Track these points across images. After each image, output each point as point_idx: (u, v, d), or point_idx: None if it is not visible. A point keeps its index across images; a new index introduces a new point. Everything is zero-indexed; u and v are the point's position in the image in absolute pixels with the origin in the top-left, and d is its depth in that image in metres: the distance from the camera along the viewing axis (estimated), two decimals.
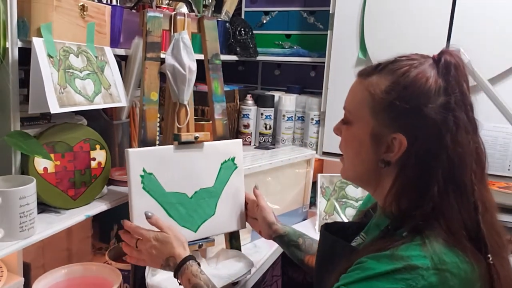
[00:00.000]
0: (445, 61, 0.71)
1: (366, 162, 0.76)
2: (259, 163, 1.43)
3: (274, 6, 1.94)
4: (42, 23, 0.88)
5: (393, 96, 0.71)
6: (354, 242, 0.85)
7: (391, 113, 0.71)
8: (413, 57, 0.74)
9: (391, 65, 0.74)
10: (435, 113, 0.69)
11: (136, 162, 0.97)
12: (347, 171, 0.82)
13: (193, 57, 1.07)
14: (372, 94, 0.73)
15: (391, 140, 0.71)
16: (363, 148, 0.75)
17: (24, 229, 0.81)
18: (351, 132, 0.77)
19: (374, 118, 0.73)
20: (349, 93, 0.79)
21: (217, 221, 1.10)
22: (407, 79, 0.70)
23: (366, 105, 0.74)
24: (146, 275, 0.99)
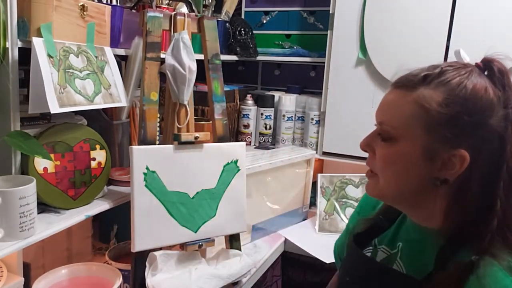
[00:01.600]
0: (499, 70, 0.68)
1: (414, 181, 0.70)
2: (259, 163, 1.43)
3: (274, 6, 1.94)
4: (42, 23, 0.88)
5: (455, 110, 0.65)
6: (368, 252, 0.83)
7: (452, 128, 0.65)
8: (457, 66, 0.70)
9: (439, 76, 0.68)
10: (498, 125, 0.65)
11: (139, 160, 0.98)
12: (383, 190, 0.73)
13: (193, 57, 1.07)
14: (426, 108, 0.66)
15: (450, 156, 0.66)
16: (411, 167, 0.69)
17: (24, 229, 0.81)
18: (395, 150, 0.70)
19: (429, 134, 0.67)
20: (389, 107, 0.72)
21: (218, 223, 1.10)
22: (466, 91, 0.66)
23: (419, 120, 0.67)
24: (146, 275, 0.99)
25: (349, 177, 1.63)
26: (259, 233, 1.48)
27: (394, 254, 0.79)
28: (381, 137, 0.72)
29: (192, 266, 1.05)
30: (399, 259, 0.78)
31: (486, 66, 0.70)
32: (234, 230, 1.15)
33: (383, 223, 0.84)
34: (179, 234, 1.04)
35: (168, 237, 1.02)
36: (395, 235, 0.82)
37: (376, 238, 0.84)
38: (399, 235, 0.81)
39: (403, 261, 0.77)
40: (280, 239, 1.49)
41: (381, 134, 0.72)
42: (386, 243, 0.82)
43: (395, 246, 0.80)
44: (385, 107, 0.73)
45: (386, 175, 0.72)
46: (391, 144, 0.70)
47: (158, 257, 1.00)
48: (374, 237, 0.84)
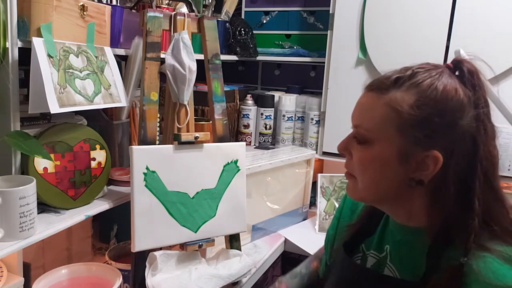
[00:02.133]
0: (469, 71, 0.69)
1: (390, 183, 0.71)
2: (259, 163, 1.43)
3: (274, 6, 1.94)
4: (42, 23, 0.88)
5: (426, 112, 0.66)
6: (358, 259, 0.82)
7: (424, 129, 0.66)
8: (427, 68, 0.70)
9: (410, 79, 0.69)
10: (469, 125, 0.66)
11: (139, 160, 0.98)
12: (362, 193, 0.74)
13: (193, 57, 1.07)
14: (398, 111, 0.67)
15: (423, 158, 0.67)
16: (387, 169, 0.70)
17: (24, 229, 0.81)
18: (370, 153, 0.70)
19: (402, 136, 0.67)
20: (363, 110, 0.73)
21: (218, 223, 1.10)
22: (437, 92, 0.66)
23: (391, 122, 0.68)
24: (146, 275, 0.99)
25: None
26: (259, 233, 1.48)
27: (384, 258, 0.79)
28: (357, 140, 0.73)
29: (192, 266, 1.05)
30: (389, 263, 0.77)
31: (456, 67, 0.71)
32: (234, 230, 1.15)
33: (368, 228, 0.84)
34: (179, 234, 1.04)
35: (168, 237, 1.02)
36: (381, 238, 0.81)
37: (363, 244, 0.84)
38: (385, 238, 0.80)
39: (394, 264, 0.77)
40: (280, 239, 1.49)
41: (356, 137, 0.73)
42: (373, 247, 0.81)
43: (383, 249, 0.80)
44: (359, 110, 0.74)
45: (363, 177, 0.73)
46: (366, 147, 0.71)
47: (158, 257, 1.00)
48: (361, 243, 0.84)
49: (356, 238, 0.85)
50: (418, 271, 0.70)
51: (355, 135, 0.73)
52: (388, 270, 0.77)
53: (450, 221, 0.68)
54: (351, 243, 0.85)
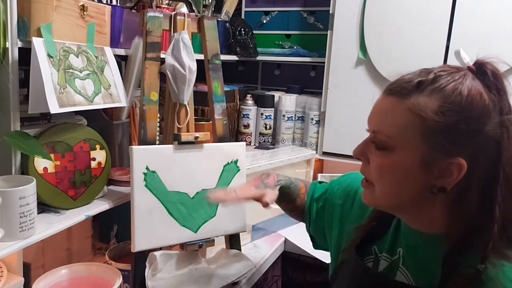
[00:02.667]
0: (493, 73, 0.67)
1: (411, 190, 0.68)
2: (259, 163, 1.43)
3: (274, 6, 1.94)
4: (42, 23, 0.88)
5: (451, 118, 0.63)
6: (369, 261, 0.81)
7: (449, 136, 0.63)
8: (450, 71, 0.67)
9: (433, 83, 0.65)
10: (494, 131, 0.64)
11: (139, 160, 0.98)
12: (380, 200, 0.72)
13: (193, 57, 1.07)
14: (422, 117, 0.64)
15: (447, 165, 0.64)
16: (408, 176, 0.67)
17: (24, 229, 0.81)
18: (391, 159, 0.67)
19: (426, 143, 0.64)
20: (383, 115, 0.69)
21: (218, 223, 1.10)
22: (462, 97, 0.64)
23: (415, 129, 0.65)
24: (146, 275, 0.99)
25: None
26: (259, 233, 1.48)
27: (396, 261, 0.77)
28: (376, 145, 0.69)
29: (192, 266, 1.05)
30: (402, 266, 0.76)
31: (479, 70, 0.67)
32: (234, 230, 1.15)
33: (379, 229, 0.83)
34: (179, 234, 1.04)
35: (168, 237, 1.02)
36: (394, 240, 0.80)
37: (375, 246, 0.82)
38: (398, 240, 0.79)
39: (408, 269, 0.75)
40: (280, 239, 1.49)
41: (375, 143, 0.70)
42: (386, 250, 0.80)
43: (395, 252, 0.78)
44: (378, 115, 0.70)
45: (382, 184, 0.70)
46: (387, 153, 0.68)
47: (158, 257, 1.00)
48: (371, 244, 0.83)
49: (366, 239, 0.83)
50: (433, 277, 0.69)
51: (374, 141, 0.70)
52: (400, 273, 0.76)
53: (469, 228, 0.66)
54: (361, 244, 0.83)
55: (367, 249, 0.83)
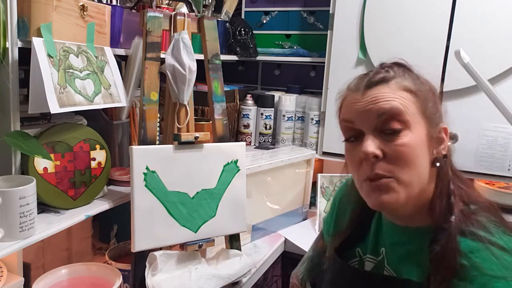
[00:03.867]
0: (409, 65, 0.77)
1: (426, 168, 0.69)
2: (259, 163, 1.43)
3: (274, 6, 1.94)
4: (42, 23, 0.88)
5: (426, 91, 0.72)
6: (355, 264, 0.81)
7: (433, 105, 0.71)
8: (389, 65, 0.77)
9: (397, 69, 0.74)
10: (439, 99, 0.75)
11: (139, 160, 0.98)
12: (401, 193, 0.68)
13: (193, 57, 1.07)
14: (413, 91, 0.70)
15: (438, 132, 0.72)
16: (423, 152, 0.69)
17: (24, 229, 0.81)
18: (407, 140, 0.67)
19: (424, 115, 0.70)
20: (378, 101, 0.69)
21: (218, 223, 1.10)
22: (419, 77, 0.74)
23: (414, 103, 0.69)
24: (146, 275, 0.99)
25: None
26: (259, 233, 1.48)
27: (381, 261, 0.78)
28: (387, 132, 0.68)
29: (192, 266, 1.05)
30: (387, 265, 0.76)
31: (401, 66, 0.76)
32: (234, 230, 1.15)
33: (359, 231, 0.83)
34: (179, 234, 1.04)
35: (168, 237, 1.02)
36: (376, 241, 0.80)
37: (358, 248, 0.82)
38: (380, 240, 0.79)
39: (392, 266, 0.76)
40: (280, 239, 1.49)
41: (386, 129, 0.68)
42: (369, 251, 0.80)
43: (379, 252, 0.79)
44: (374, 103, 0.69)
45: (406, 168, 0.67)
46: (400, 136, 0.67)
47: (158, 257, 1.00)
48: (355, 246, 0.83)
49: (348, 242, 0.83)
50: (420, 270, 0.70)
51: (384, 128, 0.68)
52: (387, 273, 0.76)
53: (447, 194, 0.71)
54: (343, 248, 0.83)
55: (351, 252, 0.83)
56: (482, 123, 1.38)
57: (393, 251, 0.76)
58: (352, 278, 0.79)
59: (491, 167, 1.40)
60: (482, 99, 1.24)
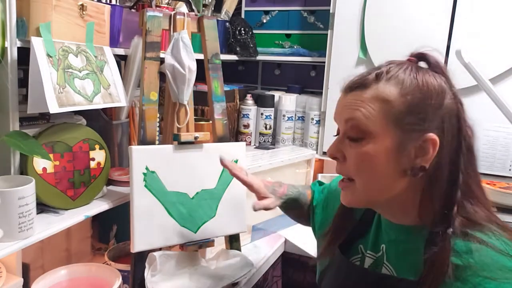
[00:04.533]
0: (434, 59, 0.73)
1: (392, 176, 0.70)
2: (259, 163, 1.43)
3: (274, 6, 1.93)
4: (41, 23, 0.88)
5: (415, 97, 0.68)
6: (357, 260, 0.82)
7: (417, 114, 0.68)
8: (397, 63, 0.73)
9: (387, 73, 0.70)
10: (452, 103, 0.69)
11: (139, 160, 0.97)
12: (361, 196, 0.73)
13: (193, 57, 1.06)
14: (387, 101, 0.68)
15: (421, 143, 0.68)
16: (388, 162, 0.69)
17: (23, 229, 0.81)
18: (368, 148, 0.69)
19: (397, 125, 0.68)
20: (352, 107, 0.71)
21: (218, 223, 1.10)
22: (417, 80, 0.69)
23: (384, 113, 0.68)
24: (146, 275, 0.99)
25: None
26: (259, 233, 1.47)
27: (380, 257, 0.79)
28: (350, 138, 0.71)
29: (192, 267, 1.05)
30: (386, 262, 0.77)
31: (421, 59, 0.74)
32: (234, 230, 1.15)
33: (361, 228, 0.84)
34: (179, 234, 1.03)
35: (168, 238, 1.02)
36: (376, 237, 0.81)
37: (361, 245, 0.83)
38: (380, 237, 0.80)
39: (391, 263, 0.76)
40: (280, 239, 1.49)
41: (349, 135, 0.71)
42: (370, 247, 0.81)
43: (379, 249, 0.80)
44: (347, 108, 0.72)
45: (363, 176, 0.71)
46: (362, 144, 0.70)
47: (157, 258, 1.00)
48: (357, 243, 0.83)
49: (351, 238, 0.84)
50: (416, 269, 0.70)
51: (348, 134, 0.71)
52: (385, 269, 0.77)
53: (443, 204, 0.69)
54: (345, 243, 0.84)
55: (354, 248, 0.84)
56: (483, 123, 1.38)
57: (392, 248, 0.77)
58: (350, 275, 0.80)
59: (492, 167, 1.40)
60: (483, 99, 1.23)
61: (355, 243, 0.84)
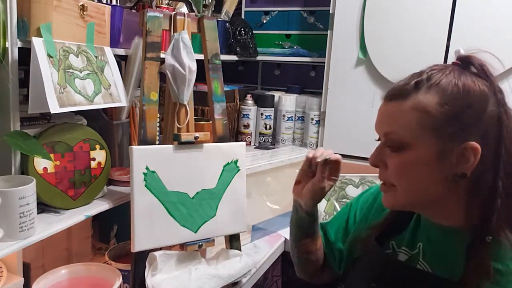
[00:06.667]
0: (479, 63, 0.72)
1: (433, 183, 0.71)
2: (259, 163, 1.43)
3: (274, 6, 1.94)
4: (42, 23, 0.88)
5: (455, 106, 0.68)
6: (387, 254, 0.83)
7: (457, 123, 0.68)
8: (439, 68, 0.73)
9: (428, 81, 0.71)
10: (494, 111, 0.69)
11: (139, 160, 0.97)
12: (403, 200, 0.74)
13: (193, 57, 1.06)
14: (427, 111, 0.68)
15: (462, 151, 0.68)
16: (428, 170, 0.70)
17: (24, 229, 0.81)
18: (408, 157, 0.70)
19: (437, 135, 0.68)
20: (391, 118, 0.73)
21: (218, 223, 1.10)
22: (458, 87, 0.69)
23: (424, 124, 0.69)
24: (146, 275, 0.99)
25: (349, 177, 1.63)
26: (259, 233, 1.48)
27: (416, 255, 0.79)
28: (391, 148, 0.73)
29: (192, 266, 1.05)
30: (422, 260, 0.78)
31: (465, 63, 0.73)
32: (234, 230, 1.15)
33: (398, 225, 0.84)
34: (179, 234, 1.04)
35: (168, 237, 1.02)
36: (413, 235, 0.81)
37: (393, 241, 0.84)
38: (418, 235, 0.81)
39: (427, 262, 0.77)
40: (280, 239, 1.49)
41: (390, 146, 0.73)
42: (405, 244, 0.82)
43: (415, 246, 0.80)
44: (386, 119, 0.74)
45: (404, 183, 0.73)
46: (403, 153, 0.71)
47: (158, 257, 1.00)
48: (391, 238, 0.84)
49: (385, 234, 0.85)
50: (453, 270, 0.71)
51: (388, 144, 0.73)
52: (420, 267, 0.77)
53: (485, 210, 0.69)
54: (379, 239, 0.85)
55: (384, 244, 0.85)
56: None
57: (430, 248, 0.78)
58: (388, 267, 0.81)
59: None
60: None
61: (388, 239, 0.85)
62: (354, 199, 1.01)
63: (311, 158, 0.90)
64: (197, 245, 1.07)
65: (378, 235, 0.85)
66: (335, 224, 1.01)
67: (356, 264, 0.88)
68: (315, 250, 0.97)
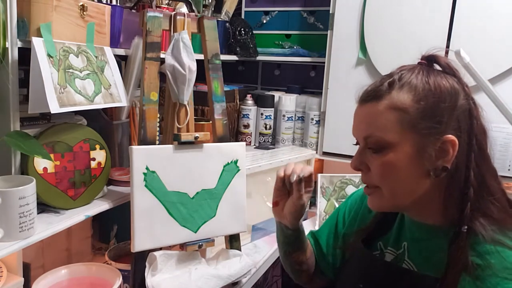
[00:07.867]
0: (444, 61, 0.75)
1: (416, 180, 0.72)
2: (259, 163, 1.43)
3: (274, 6, 1.94)
4: (42, 23, 0.88)
5: (429, 101, 0.70)
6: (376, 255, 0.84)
7: (433, 118, 0.70)
8: (409, 67, 0.75)
9: (400, 80, 0.72)
10: (465, 103, 0.71)
11: (139, 160, 0.97)
12: (389, 200, 0.75)
13: (193, 57, 1.07)
14: (403, 109, 0.70)
15: (440, 145, 0.70)
16: (411, 167, 0.71)
17: (23, 229, 0.81)
18: (390, 157, 0.71)
19: (415, 132, 0.70)
20: (368, 120, 0.74)
21: (218, 223, 1.10)
22: (429, 84, 0.71)
23: (401, 122, 0.70)
24: (146, 275, 0.99)
25: (349, 177, 1.63)
26: (259, 233, 1.48)
27: (401, 254, 0.80)
28: (372, 150, 0.73)
29: (192, 266, 1.05)
30: (407, 259, 0.79)
31: (431, 61, 0.76)
32: (234, 230, 1.15)
33: (383, 225, 0.86)
34: (179, 234, 1.04)
35: (168, 237, 1.02)
36: (398, 235, 0.83)
37: (380, 242, 0.85)
38: (402, 234, 0.82)
39: (412, 260, 0.78)
40: None
41: (370, 147, 0.74)
42: (391, 244, 0.83)
43: (400, 246, 0.81)
44: (363, 122, 0.75)
45: (388, 183, 0.74)
46: (384, 154, 0.72)
47: (158, 257, 1.00)
48: (377, 240, 0.85)
49: (372, 235, 0.86)
50: (437, 268, 0.72)
51: (369, 146, 0.74)
52: (406, 266, 0.79)
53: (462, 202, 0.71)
54: (367, 240, 0.86)
55: (373, 245, 0.86)
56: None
57: (414, 246, 0.79)
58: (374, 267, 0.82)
59: None
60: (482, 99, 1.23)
61: (375, 240, 0.86)
62: (342, 203, 1.02)
63: (284, 176, 0.89)
64: (197, 245, 1.07)
65: (366, 237, 0.86)
66: (325, 230, 1.02)
67: (345, 266, 0.90)
68: (306, 260, 0.98)
